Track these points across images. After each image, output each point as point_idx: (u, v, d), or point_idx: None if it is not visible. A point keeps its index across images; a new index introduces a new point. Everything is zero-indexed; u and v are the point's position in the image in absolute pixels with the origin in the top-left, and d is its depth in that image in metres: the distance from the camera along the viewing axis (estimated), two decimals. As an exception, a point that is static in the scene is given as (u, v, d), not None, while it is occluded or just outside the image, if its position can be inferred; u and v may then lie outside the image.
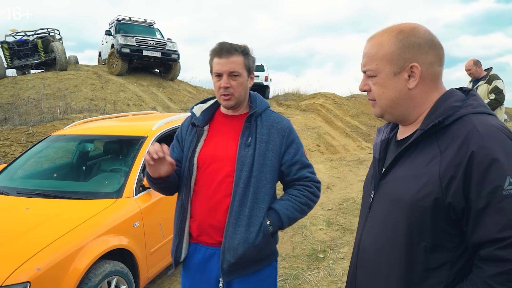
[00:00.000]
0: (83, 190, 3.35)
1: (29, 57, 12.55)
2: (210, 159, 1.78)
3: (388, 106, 1.12)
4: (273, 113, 1.87)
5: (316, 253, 4.14)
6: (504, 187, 0.90)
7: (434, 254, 1.00)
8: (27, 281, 2.23)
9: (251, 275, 1.76)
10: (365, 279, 1.18)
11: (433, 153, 1.02)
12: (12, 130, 7.11)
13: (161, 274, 3.72)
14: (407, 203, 1.03)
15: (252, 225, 1.69)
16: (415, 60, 1.06)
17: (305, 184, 1.81)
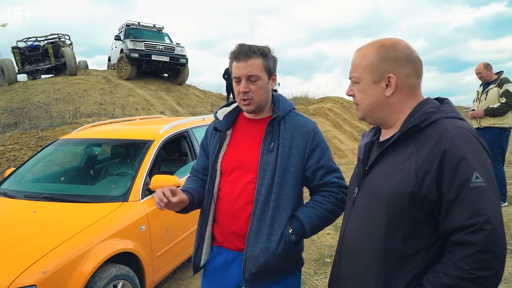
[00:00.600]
0: (90, 194, 3.37)
1: (40, 62, 12.72)
2: (233, 165, 1.73)
3: (368, 110, 1.27)
4: (297, 115, 1.77)
5: (323, 258, 4.11)
6: (471, 180, 1.03)
7: (410, 241, 1.12)
8: (33, 284, 2.24)
9: (273, 285, 1.70)
10: (348, 268, 1.27)
11: (410, 152, 1.14)
12: (22, 134, 7.19)
13: (168, 278, 3.72)
14: (387, 195, 1.14)
15: (273, 234, 1.62)
16: (392, 72, 1.20)
17: (331, 190, 1.71)
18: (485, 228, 0.99)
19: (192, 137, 4.19)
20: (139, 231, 3.01)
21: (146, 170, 3.32)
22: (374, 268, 1.16)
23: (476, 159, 1.05)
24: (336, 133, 12.11)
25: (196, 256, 1.80)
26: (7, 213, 3.05)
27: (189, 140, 4.16)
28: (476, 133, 1.13)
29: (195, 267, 1.82)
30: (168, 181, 3.23)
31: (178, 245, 3.48)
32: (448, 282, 1.02)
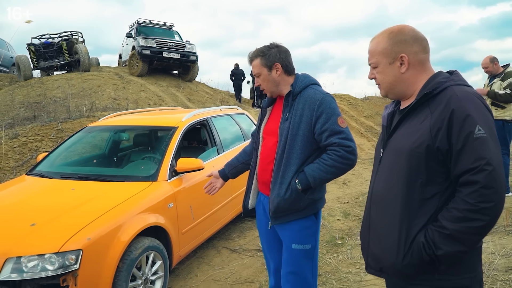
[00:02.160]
0: (122, 174, 3.64)
1: (54, 59, 12.99)
2: (267, 132, 2.29)
3: (389, 87, 1.52)
4: (311, 89, 2.17)
5: (335, 240, 4.35)
6: (475, 132, 1.26)
7: (427, 188, 1.36)
8: (80, 248, 2.51)
9: (291, 222, 2.17)
10: (377, 214, 1.52)
11: (425, 115, 1.38)
12: (43, 126, 7.47)
13: (189, 256, 3.98)
14: (407, 151, 1.38)
15: (283, 183, 2.11)
16: (403, 52, 1.45)
17: (333, 148, 2.05)
18: (486, 169, 1.23)
19: (212, 125, 4.45)
20: (167, 208, 3.27)
21: (172, 153, 3.59)
22: (399, 211, 1.40)
23: (479, 115, 1.28)
24: (343, 129, 12.32)
25: (245, 201, 2.44)
26: (48, 190, 3.32)
27: (209, 128, 4.42)
28: (479, 95, 1.37)
29: (244, 209, 2.46)
30: (193, 163, 3.49)
31: (200, 224, 3.74)
32: (458, 215, 1.26)
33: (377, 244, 1.50)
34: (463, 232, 1.26)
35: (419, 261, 1.35)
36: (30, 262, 2.46)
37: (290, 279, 2.21)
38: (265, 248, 2.46)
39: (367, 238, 1.58)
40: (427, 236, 1.33)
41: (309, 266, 2.24)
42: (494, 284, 2.80)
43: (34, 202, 3.12)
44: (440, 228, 1.31)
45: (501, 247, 3.32)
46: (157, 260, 3.14)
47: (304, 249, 2.18)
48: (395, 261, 1.40)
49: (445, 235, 1.29)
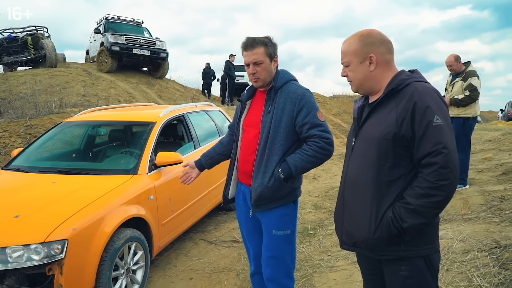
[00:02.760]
0: (102, 168, 3.70)
1: (19, 54, 12.65)
2: (247, 124, 2.39)
3: (359, 84, 1.73)
4: (292, 84, 2.31)
5: (307, 230, 4.56)
6: (433, 121, 1.48)
7: (394, 170, 1.58)
8: (65, 238, 2.59)
9: (271, 210, 2.30)
10: (351, 196, 1.72)
11: (391, 107, 1.59)
12: (10, 122, 7.32)
13: (167, 248, 4.08)
14: (377, 138, 1.59)
15: (267, 172, 2.23)
16: (372, 52, 1.66)
17: (313, 140, 2.21)
18: (443, 152, 1.45)
19: (188, 121, 4.56)
20: (148, 200, 3.37)
21: (152, 147, 3.68)
22: (370, 192, 1.61)
23: (437, 107, 1.51)
24: (312, 126, 12.63)
25: (225, 191, 2.53)
26: (28, 183, 3.35)
27: (185, 124, 4.53)
28: (436, 90, 1.60)
29: (224, 199, 2.56)
30: (172, 157, 3.60)
31: (179, 216, 3.85)
32: (420, 192, 1.48)
33: (351, 222, 1.70)
34: (425, 206, 1.48)
35: (388, 234, 1.56)
36: (15, 253, 2.51)
37: (270, 263, 2.34)
38: (245, 236, 2.56)
39: (342, 218, 1.78)
40: (395, 211, 1.54)
41: (289, 251, 2.38)
42: (452, 265, 3.07)
43: (15, 195, 3.14)
44: (405, 204, 1.52)
45: (458, 233, 3.61)
46: (138, 250, 3.23)
47: (284, 235, 2.32)
48: (367, 236, 1.61)
49: (409, 210, 1.50)
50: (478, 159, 7.81)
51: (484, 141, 10.55)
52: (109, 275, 2.85)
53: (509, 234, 3.33)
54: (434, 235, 1.64)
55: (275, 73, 2.34)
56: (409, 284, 1.60)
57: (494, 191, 4.98)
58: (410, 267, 1.59)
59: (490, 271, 2.83)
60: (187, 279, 3.54)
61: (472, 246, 3.29)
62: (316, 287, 3.17)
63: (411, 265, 1.59)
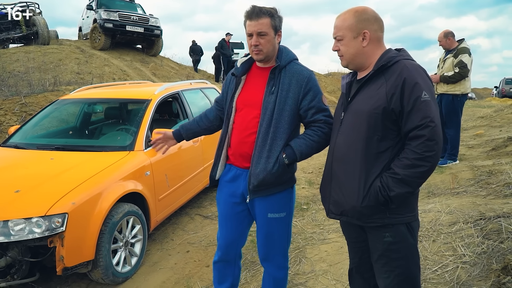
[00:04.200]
0: (99, 144, 3.76)
1: (11, 31, 12.46)
2: (244, 103, 2.20)
3: (351, 58, 1.78)
4: (296, 65, 2.18)
5: (301, 205, 4.68)
6: (421, 96, 1.57)
7: (382, 142, 1.67)
8: (66, 212, 2.67)
9: (271, 195, 2.18)
10: (339, 167, 1.80)
11: (381, 83, 1.67)
12: (5, 100, 7.32)
13: (164, 222, 4.19)
14: (367, 112, 1.67)
15: (271, 157, 2.09)
16: (366, 29, 1.71)
17: (319, 125, 2.12)
18: (430, 125, 1.54)
19: (183, 99, 4.61)
20: (145, 176, 3.45)
21: (147, 124, 3.74)
22: (359, 163, 1.70)
23: (424, 83, 1.60)
24: (307, 104, 12.68)
25: (213, 171, 2.35)
26: (27, 160, 3.41)
27: (180, 101, 4.57)
28: (423, 68, 1.68)
29: (211, 179, 2.38)
30: (167, 134, 3.66)
31: (175, 192, 3.95)
32: (408, 162, 1.58)
33: (339, 192, 1.79)
34: (411, 176, 1.58)
35: (375, 202, 1.66)
36: (17, 226, 2.60)
37: (266, 243, 2.28)
38: (221, 220, 2.39)
39: (329, 188, 1.87)
40: (382, 181, 1.64)
41: (285, 231, 2.29)
42: (439, 236, 3.20)
43: (14, 171, 3.21)
44: (393, 174, 1.62)
45: (446, 206, 3.74)
46: (136, 224, 3.34)
47: (280, 217, 2.23)
48: (355, 204, 1.71)
49: (397, 179, 1.60)
50: (470, 136, 7.92)
51: (476, 117, 10.66)
52: (108, 247, 2.96)
53: (494, 206, 3.46)
54: (415, 204, 1.75)
55: (278, 50, 2.19)
56: (392, 250, 1.71)
57: (483, 166, 5.10)
58: (394, 234, 1.70)
59: (474, 241, 2.96)
60: (184, 252, 3.67)
61: (458, 218, 3.42)
62: (308, 258, 3.29)
63: (394, 232, 1.70)
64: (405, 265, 1.73)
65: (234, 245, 2.39)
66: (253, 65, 2.28)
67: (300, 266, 3.17)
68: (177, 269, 3.37)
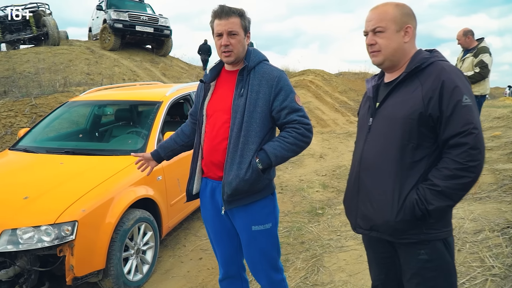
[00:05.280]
0: (110, 148, 3.67)
1: (21, 32, 12.48)
2: (213, 109, 2.08)
3: (391, 54, 1.60)
4: (266, 65, 2.06)
5: (315, 210, 4.55)
6: (462, 100, 1.45)
7: (417, 151, 1.53)
8: (75, 220, 2.57)
9: (249, 205, 2.04)
10: (368, 178, 1.65)
11: (415, 86, 1.53)
12: (15, 102, 7.27)
13: (176, 228, 4.09)
14: (401, 118, 1.54)
15: (243, 163, 1.96)
16: (409, 23, 1.58)
17: (293, 126, 1.99)
18: (473, 132, 1.42)
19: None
20: (156, 180, 3.35)
21: (159, 127, 3.64)
22: (392, 174, 1.55)
23: (464, 86, 1.47)
24: (317, 104, 12.52)
25: (189, 186, 2.20)
26: (36, 164, 3.33)
27: (192, 103, 4.46)
28: (460, 71, 1.56)
29: (188, 195, 2.22)
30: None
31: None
32: (448, 173, 1.44)
33: (368, 204, 1.65)
34: (453, 188, 1.44)
35: (411, 216, 1.51)
36: (25, 234, 2.51)
37: (254, 259, 2.14)
38: (211, 238, 2.26)
39: (355, 201, 1.72)
40: (419, 193, 1.49)
41: (273, 243, 2.15)
42: (464, 245, 3.05)
43: (23, 176, 3.13)
44: (431, 186, 1.47)
45: (469, 213, 3.58)
46: (148, 231, 3.23)
47: (265, 229, 2.09)
48: (388, 218, 1.56)
49: (436, 191, 1.46)
50: (487, 137, 7.71)
51: (492, 118, 10.41)
52: (119, 255, 2.85)
53: (522, 214, 3.30)
54: (450, 218, 1.61)
55: (247, 52, 2.07)
56: (428, 268, 1.57)
57: (504, 169, 4.92)
58: (430, 251, 1.56)
59: (503, 251, 2.81)
60: (197, 259, 3.55)
61: (483, 226, 3.26)
62: (327, 267, 3.16)
63: (430, 249, 1.56)
64: (441, 285, 1.58)
65: (233, 260, 2.26)
66: (222, 70, 2.16)
67: (319, 276, 3.04)
68: (190, 277, 3.26)
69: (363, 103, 1.85)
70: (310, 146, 8.53)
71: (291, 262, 3.33)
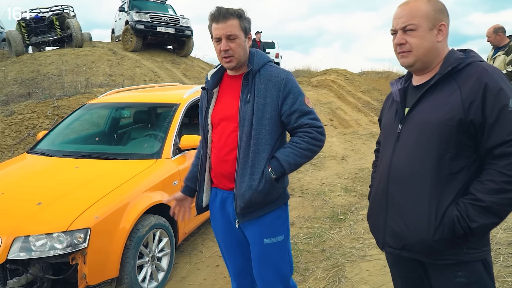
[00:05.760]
0: (126, 152, 3.61)
1: (46, 34, 12.71)
2: (219, 118, 1.96)
3: (423, 54, 1.44)
4: (271, 67, 1.92)
5: (337, 215, 4.39)
6: (509, 105, 1.29)
7: (456, 161, 1.37)
8: (88, 227, 2.51)
9: (262, 216, 1.92)
10: (399, 190, 1.49)
11: (452, 89, 1.38)
12: (38, 103, 7.36)
13: (193, 232, 4.00)
14: (437, 125, 1.37)
15: (255, 173, 1.84)
16: (443, 21, 1.43)
17: (305, 130, 1.87)
18: None
19: (213, 102, 4.40)
20: (172, 185, 3.26)
21: (176, 131, 3.55)
22: (427, 186, 1.39)
23: (510, 90, 1.32)
24: (340, 104, 12.28)
25: (198, 198, 2.10)
26: (51, 168, 3.29)
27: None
28: (501, 72, 1.40)
29: (198, 208, 2.14)
30: (196, 140, 3.44)
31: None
32: (494, 187, 1.29)
33: (400, 221, 1.48)
34: (500, 203, 1.29)
35: (451, 235, 1.35)
36: (38, 241, 2.46)
37: (264, 275, 2.01)
38: (223, 250, 2.17)
39: (383, 216, 1.56)
40: (460, 209, 1.34)
41: (285, 258, 2.03)
42: (498, 257, 2.85)
43: (38, 180, 3.09)
44: (474, 201, 1.32)
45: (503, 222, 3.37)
46: (163, 237, 3.15)
47: (277, 242, 1.97)
48: (425, 237, 1.40)
49: (480, 207, 1.30)
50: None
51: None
52: (133, 263, 2.78)
53: (561, 224, 3.07)
54: (488, 236, 1.46)
55: (250, 54, 1.94)
56: None
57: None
58: (469, 273, 1.40)
59: (541, 266, 2.60)
60: (214, 266, 3.45)
61: (518, 237, 3.05)
62: (348, 278, 3.01)
63: (469, 271, 1.40)
64: None
65: (245, 273, 2.14)
66: (224, 75, 2.02)
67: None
68: (207, 285, 3.16)
69: (387, 108, 1.70)
70: (332, 147, 8.31)
71: (311, 271, 3.19)
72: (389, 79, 17.56)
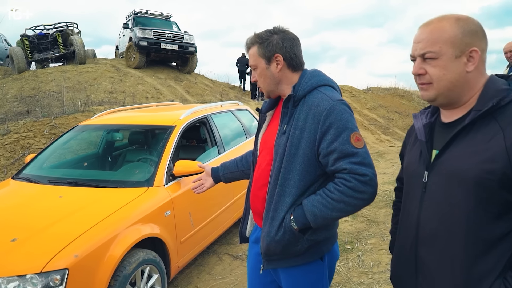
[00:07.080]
0: (114, 179, 3.35)
1: (49, 51, 12.68)
2: (262, 146, 1.77)
3: (446, 88, 1.16)
4: (319, 93, 1.59)
5: (344, 244, 4.09)
6: None
7: (499, 223, 1.08)
8: (66, 267, 2.24)
9: (290, 268, 1.66)
10: (430, 254, 1.20)
11: (493, 131, 1.08)
12: (36, 122, 7.19)
13: (189, 264, 3.72)
14: (473, 177, 1.08)
15: (275, 218, 1.58)
16: (474, 45, 1.13)
17: (342, 177, 1.49)
18: None
19: (212, 123, 4.17)
20: (164, 216, 3.00)
21: (170, 156, 3.30)
22: (462, 252, 1.12)
23: None
24: (346, 121, 12.05)
25: (242, 226, 1.91)
26: (33, 198, 3.04)
27: (209, 126, 4.13)
28: None
29: (241, 237, 1.93)
30: (191, 166, 3.20)
31: (201, 231, 3.47)
32: None
33: None
34: None
35: None
36: (9, 284, 2.20)
37: None
38: None
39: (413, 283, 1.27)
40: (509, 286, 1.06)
41: None
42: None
43: (18, 212, 2.83)
44: None
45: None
46: (154, 273, 2.88)
47: None
48: None
49: None
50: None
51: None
52: (118, 306, 2.50)
53: None
54: None
55: (300, 76, 1.66)
56: None
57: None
58: None
59: None
60: (209, 303, 3.16)
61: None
62: (357, 322, 2.71)
63: None
64: None
65: None
66: (281, 99, 1.76)
67: (348, 335, 2.59)
68: (200, 328, 2.87)
69: (410, 144, 1.39)
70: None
71: (316, 312, 2.89)
72: (396, 95, 17.33)
